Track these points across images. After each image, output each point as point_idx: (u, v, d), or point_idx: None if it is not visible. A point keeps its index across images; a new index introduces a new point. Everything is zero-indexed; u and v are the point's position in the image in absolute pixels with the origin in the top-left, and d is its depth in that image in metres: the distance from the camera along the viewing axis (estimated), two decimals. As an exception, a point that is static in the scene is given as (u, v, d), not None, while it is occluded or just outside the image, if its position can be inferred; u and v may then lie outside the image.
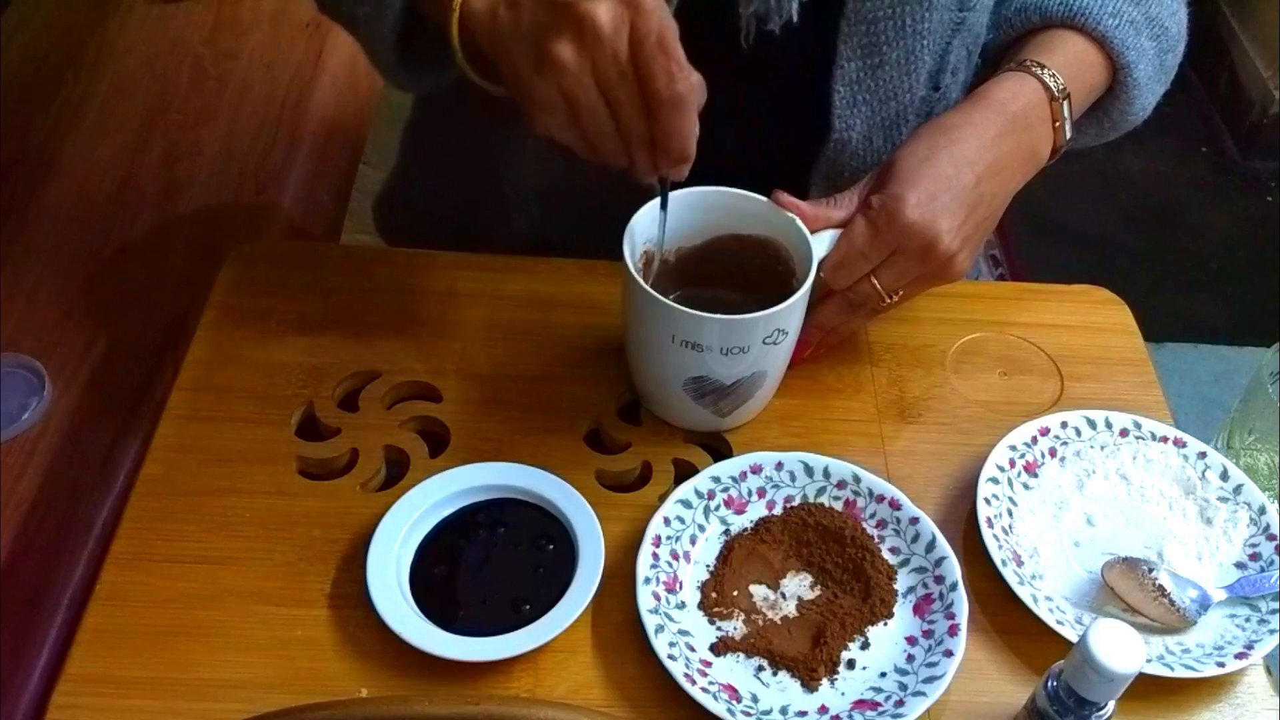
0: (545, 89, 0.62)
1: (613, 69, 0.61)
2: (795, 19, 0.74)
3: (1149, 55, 0.82)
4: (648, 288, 0.70)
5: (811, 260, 0.72)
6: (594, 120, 0.63)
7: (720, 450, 0.78)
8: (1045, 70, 0.78)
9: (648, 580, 0.68)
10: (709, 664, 0.66)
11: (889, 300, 0.75)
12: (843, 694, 0.66)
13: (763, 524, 0.73)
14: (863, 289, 0.75)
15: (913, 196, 0.71)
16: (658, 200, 0.72)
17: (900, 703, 0.64)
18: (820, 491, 0.74)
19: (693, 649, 0.67)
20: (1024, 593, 0.69)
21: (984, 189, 0.74)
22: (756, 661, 0.67)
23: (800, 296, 0.71)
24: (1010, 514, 0.75)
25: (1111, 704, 0.59)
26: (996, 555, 0.71)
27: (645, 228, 0.74)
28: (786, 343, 0.74)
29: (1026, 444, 0.78)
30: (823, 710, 0.65)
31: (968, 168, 0.73)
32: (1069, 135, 0.79)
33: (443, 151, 0.98)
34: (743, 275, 0.78)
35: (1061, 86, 0.78)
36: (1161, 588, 0.70)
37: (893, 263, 0.73)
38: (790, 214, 0.74)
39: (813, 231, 0.73)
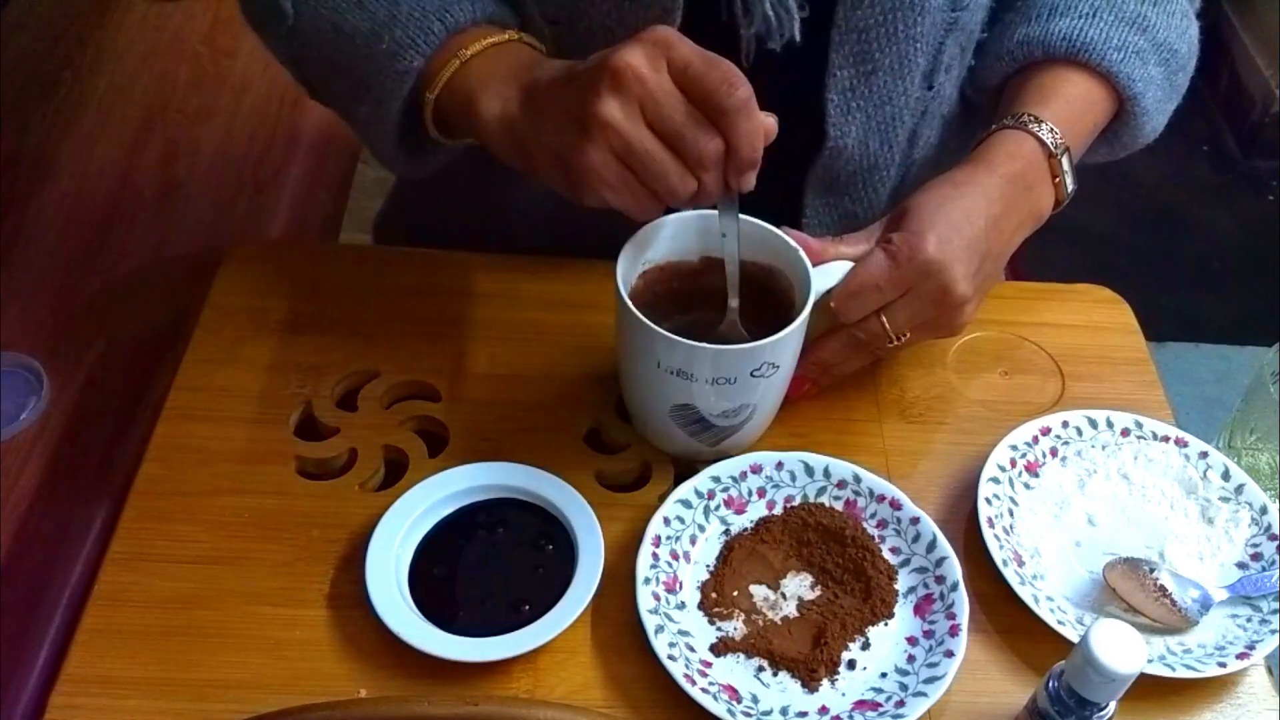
0: (595, 154, 0.62)
1: (666, 101, 0.61)
2: (797, 37, 0.74)
3: (1157, 81, 0.82)
4: (635, 311, 0.68)
5: (810, 294, 0.70)
6: (653, 162, 0.62)
7: (720, 450, 0.78)
8: (1042, 125, 0.77)
9: (647, 580, 0.68)
10: (709, 664, 0.66)
11: (895, 342, 0.73)
12: (843, 694, 0.66)
13: (763, 524, 0.73)
14: (871, 327, 0.73)
15: (933, 236, 0.71)
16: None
17: (901, 703, 0.64)
18: (820, 491, 0.74)
19: (693, 649, 0.67)
20: (1025, 593, 0.69)
21: (991, 242, 0.74)
22: (757, 662, 0.67)
23: (793, 330, 0.69)
24: (1011, 514, 0.74)
25: (1113, 704, 0.59)
26: (997, 555, 0.71)
27: (642, 247, 0.73)
28: (778, 376, 0.71)
29: (1028, 444, 0.78)
30: (823, 711, 0.65)
31: (979, 218, 0.73)
32: (1070, 188, 0.79)
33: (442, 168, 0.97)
34: (746, 302, 0.74)
35: (1058, 141, 0.77)
36: (1163, 588, 0.69)
37: (906, 302, 0.72)
38: (795, 245, 0.72)
39: (815, 264, 0.72)
